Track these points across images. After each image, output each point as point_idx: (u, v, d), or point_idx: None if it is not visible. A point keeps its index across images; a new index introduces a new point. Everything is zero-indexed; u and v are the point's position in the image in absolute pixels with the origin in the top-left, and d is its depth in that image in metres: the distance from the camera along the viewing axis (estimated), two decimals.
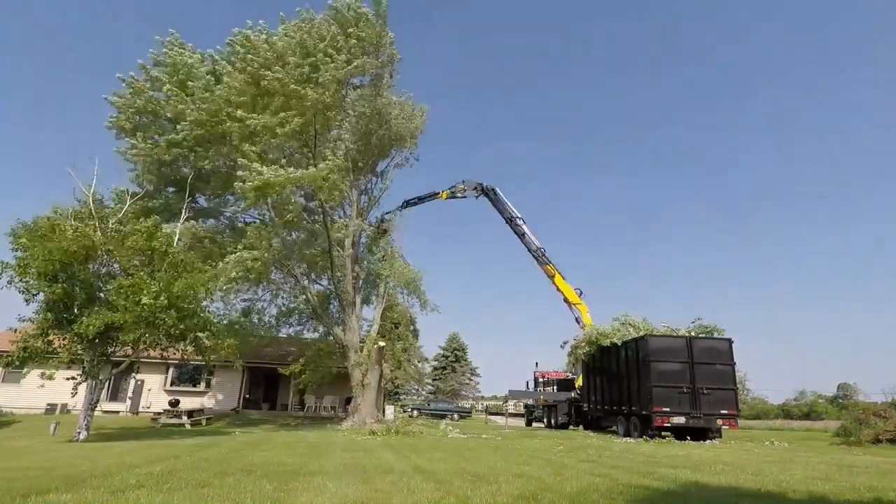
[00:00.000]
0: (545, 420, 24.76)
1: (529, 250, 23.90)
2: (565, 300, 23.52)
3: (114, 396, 22.96)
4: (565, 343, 22.37)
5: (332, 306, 20.72)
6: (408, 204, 23.19)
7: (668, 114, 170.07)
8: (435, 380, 51.56)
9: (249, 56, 15.40)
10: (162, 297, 11.25)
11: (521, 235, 23.88)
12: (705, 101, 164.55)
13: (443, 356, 53.09)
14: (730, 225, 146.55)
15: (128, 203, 14.75)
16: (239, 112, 15.26)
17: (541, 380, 25.81)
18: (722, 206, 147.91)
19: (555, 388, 24.46)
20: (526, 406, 28.44)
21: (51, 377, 11.66)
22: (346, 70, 16.06)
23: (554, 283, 23.47)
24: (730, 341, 16.10)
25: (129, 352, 12.88)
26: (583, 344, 20.11)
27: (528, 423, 26.50)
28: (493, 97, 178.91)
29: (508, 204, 24.11)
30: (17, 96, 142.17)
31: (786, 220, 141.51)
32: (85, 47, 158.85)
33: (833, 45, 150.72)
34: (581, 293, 23.61)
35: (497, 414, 38.32)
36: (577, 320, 23.25)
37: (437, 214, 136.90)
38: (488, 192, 24.11)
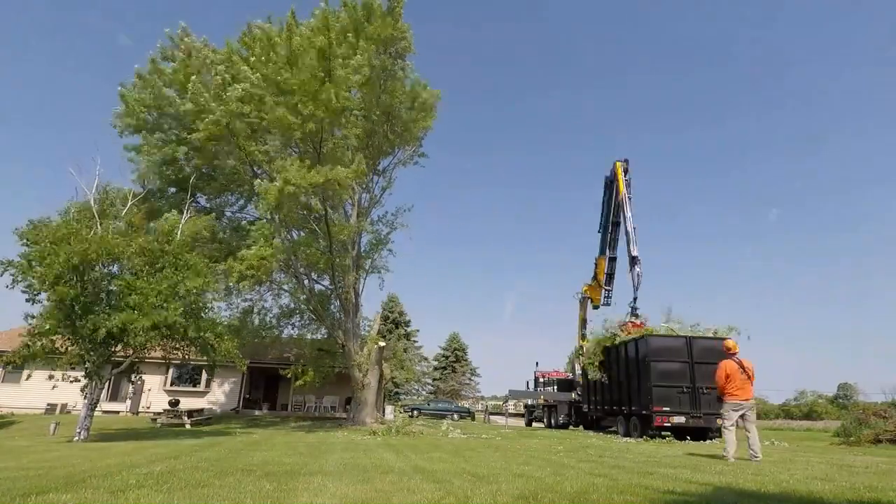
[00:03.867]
0: (545, 420, 24.78)
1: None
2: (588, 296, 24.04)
3: (114, 396, 22.96)
4: (581, 342, 22.63)
5: (332, 306, 20.70)
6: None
7: (673, 115, 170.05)
8: (435, 380, 51.55)
9: (271, 54, 15.21)
10: (176, 307, 11.34)
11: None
12: (713, 102, 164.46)
13: (443, 356, 53.09)
14: (730, 225, 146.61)
15: (129, 202, 14.75)
16: (264, 104, 14.97)
17: (541, 380, 25.82)
18: (722, 207, 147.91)
19: (555, 388, 24.48)
20: (526, 406, 28.48)
21: (57, 377, 11.70)
22: (360, 69, 15.73)
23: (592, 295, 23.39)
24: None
25: (130, 352, 12.90)
26: (589, 352, 20.38)
27: (529, 423, 26.52)
28: (497, 97, 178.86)
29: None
30: (17, 96, 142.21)
31: (787, 221, 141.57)
32: (85, 47, 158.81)
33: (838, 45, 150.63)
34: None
35: (495, 414, 38.33)
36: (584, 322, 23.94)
37: (436, 213, 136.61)
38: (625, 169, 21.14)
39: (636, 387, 16.08)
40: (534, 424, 25.98)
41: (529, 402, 27.33)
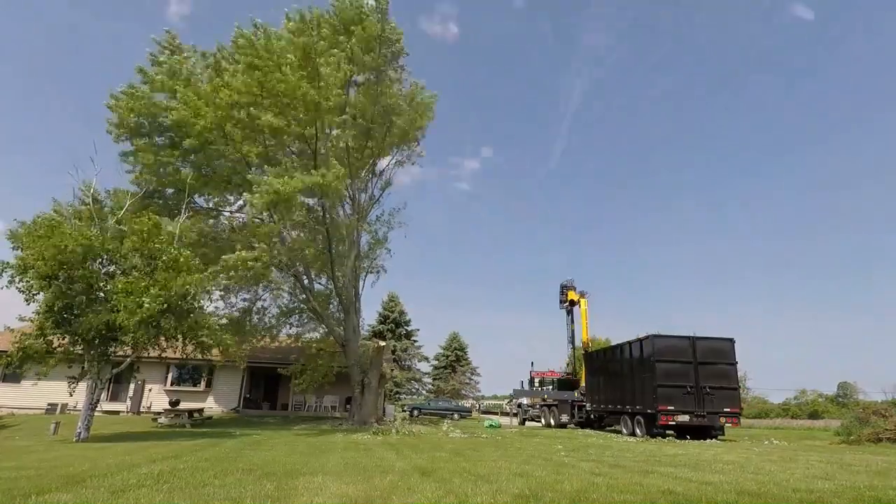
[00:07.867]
0: (544, 419, 24.76)
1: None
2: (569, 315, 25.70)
3: (114, 396, 22.94)
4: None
5: (332, 306, 20.68)
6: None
7: (670, 114, 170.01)
8: (435, 379, 51.54)
9: (256, 59, 15.31)
10: (161, 300, 11.27)
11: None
12: (710, 101, 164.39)
13: (443, 356, 53.08)
14: (730, 224, 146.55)
15: (126, 204, 14.74)
16: (250, 111, 15.07)
17: (536, 380, 25.88)
18: (722, 206, 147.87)
19: (553, 387, 24.49)
20: (519, 405, 28.40)
21: (43, 374, 11.69)
22: (346, 70, 15.85)
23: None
24: (732, 341, 16.20)
25: (129, 352, 12.88)
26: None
27: (522, 423, 26.46)
28: (485, 88, 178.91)
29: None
30: (17, 95, 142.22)
31: (785, 220, 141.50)
32: (84, 47, 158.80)
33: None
34: (585, 293, 24.66)
35: (490, 413, 38.45)
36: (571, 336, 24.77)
37: (436, 213, 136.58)
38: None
39: (641, 386, 16.19)
40: (527, 424, 25.89)
41: (524, 401, 27.29)
